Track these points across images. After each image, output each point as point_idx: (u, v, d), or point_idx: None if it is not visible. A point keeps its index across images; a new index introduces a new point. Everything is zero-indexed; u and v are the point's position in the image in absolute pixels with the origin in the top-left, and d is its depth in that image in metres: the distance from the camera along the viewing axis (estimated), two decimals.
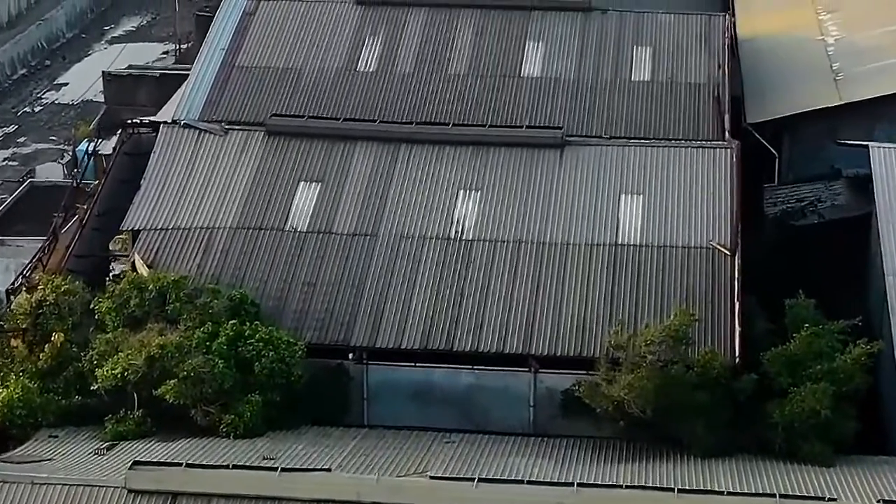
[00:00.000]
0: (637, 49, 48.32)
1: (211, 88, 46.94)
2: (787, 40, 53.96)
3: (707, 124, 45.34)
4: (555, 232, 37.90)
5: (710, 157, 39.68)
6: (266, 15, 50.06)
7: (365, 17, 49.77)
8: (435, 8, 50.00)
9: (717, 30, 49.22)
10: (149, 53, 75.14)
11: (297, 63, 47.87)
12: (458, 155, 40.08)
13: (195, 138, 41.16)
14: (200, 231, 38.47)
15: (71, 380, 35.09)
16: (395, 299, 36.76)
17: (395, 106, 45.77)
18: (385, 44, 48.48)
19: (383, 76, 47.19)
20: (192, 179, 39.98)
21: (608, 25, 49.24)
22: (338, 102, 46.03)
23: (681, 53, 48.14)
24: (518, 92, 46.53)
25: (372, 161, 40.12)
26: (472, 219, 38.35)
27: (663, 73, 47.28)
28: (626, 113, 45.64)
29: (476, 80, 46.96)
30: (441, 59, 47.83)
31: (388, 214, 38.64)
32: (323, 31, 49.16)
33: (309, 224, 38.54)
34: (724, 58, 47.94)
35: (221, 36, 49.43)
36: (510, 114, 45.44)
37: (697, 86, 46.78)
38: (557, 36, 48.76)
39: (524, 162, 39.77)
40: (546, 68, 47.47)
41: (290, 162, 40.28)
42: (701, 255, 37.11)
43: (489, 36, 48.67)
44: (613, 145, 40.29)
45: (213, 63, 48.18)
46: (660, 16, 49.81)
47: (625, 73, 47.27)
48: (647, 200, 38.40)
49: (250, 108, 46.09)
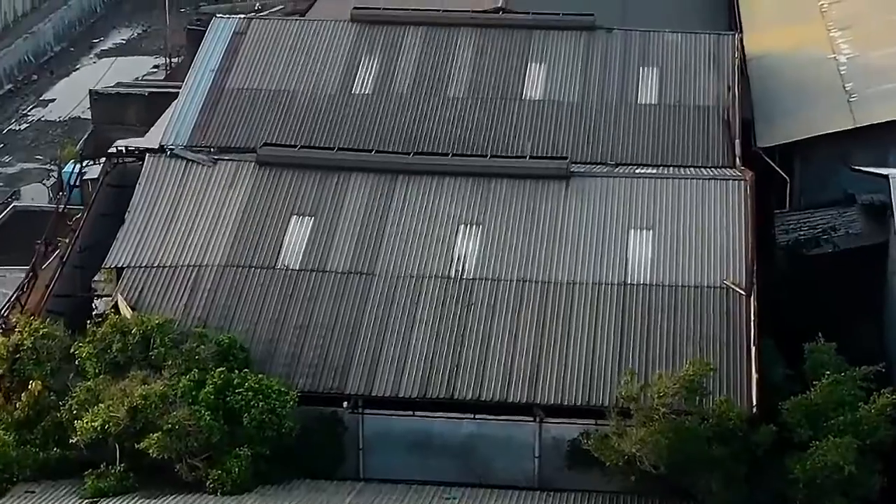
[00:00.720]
0: (643, 70, 46.51)
1: (200, 112, 45.19)
2: (798, 58, 52.06)
3: (717, 150, 43.58)
4: (560, 270, 35.98)
5: (722, 189, 37.77)
6: (257, 34, 48.24)
7: (360, 35, 47.96)
8: (433, 26, 48.21)
9: (725, 50, 47.41)
10: (139, 67, 73.20)
11: (290, 85, 46.07)
12: (458, 187, 38.16)
13: (182, 169, 39.24)
14: (187, 269, 36.55)
15: (49, 431, 33.22)
16: (393, 343, 34.85)
17: (392, 131, 43.99)
18: (381, 64, 46.68)
19: (379, 98, 45.39)
20: (179, 213, 38.05)
21: (613, 45, 47.42)
22: (332, 127, 44.29)
23: (689, 75, 46.33)
24: (520, 116, 44.73)
25: (367, 194, 38.19)
26: (473, 256, 36.43)
27: (671, 96, 45.47)
28: (633, 138, 43.87)
29: (476, 102, 45.17)
30: (439, 81, 46.04)
31: (385, 251, 36.70)
32: (317, 51, 47.35)
33: (301, 262, 36.61)
34: (733, 79, 46.14)
35: (211, 56, 47.64)
36: (511, 139, 43.67)
37: (706, 109, 45.01)
38: (560, 56, 46.95)
39: (527, 194, 37.84)
40: (549, 91, 45.67)
41: (282, 194, 38.34)
42: (714, 295, 35.21)
43: (489, 56, 46.87)
44: (621, 176, 38.34)
45: (203, 85, 46.39)
46: (666, 35, 47.99)
47: (631, 96, 45.48)
48: (656, 236, 36.51)
49: (241, 133, 44.32)
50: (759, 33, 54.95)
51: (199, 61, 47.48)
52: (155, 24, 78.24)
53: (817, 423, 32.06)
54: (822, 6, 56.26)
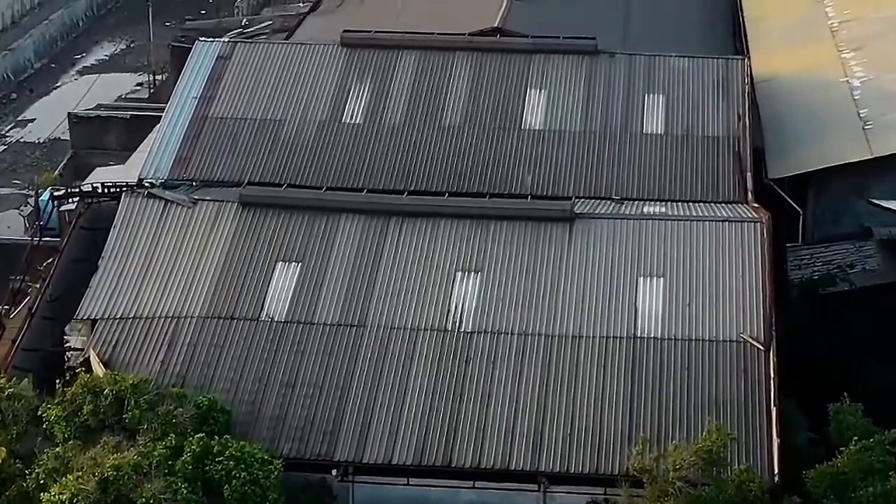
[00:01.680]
0: (649, 98, 44.14)
1: (182, 143, 42.85)
2: (808, 81, 49.67)
3: (727, 183, 41.27)
4: (565, 323, 33.51)
5: (737, 232, 35.31)
6: (242, 59, 45.83)
7: (351, 60, 45.56)
8: (427, 50, 45.80)
9: (735, 75, 45.04)
10: (122, 85, 70.61)
11: (277, 114, 43.72)
12: (455, 230, 35.69)
13: (160, 210, 36.74)
14: (165, 321, 34.07)
15: (14, 501, 30.71)
16: (385, 404, 32.39)
17: (384, 163, 41.61)
18: (373, 91, 44.29)
19: (371, 128, 43.03)
20: (157, 259, 35.54)
21: (616, 71, 45.04)
22: (320, 160, 41.91)
23: (696, 103, 43.98)
24: (519, 146, 42.37)
25: (358, 237, 35.71)
26: (471, 306, 33.96)
27: (678, 125, 43.13)
28: (638, 171, 41.53)
29: (472, 132, 42.81)
30: (434, 109, 43.68)
31: (377, 301, 34.23)
32: (305, 77, 44.96)
33: (287, 313, 34.12)
34: (743, 107, 43.78)
35: (193, 83, 45.25)
36: (511, 172, 41.31)
37: (715, 139, 42.68)
38: (561, 82, 44.58)
39: (529, 238, 35.39)
40: (549, 120, 43.32)
41: (267, 238, 35.83)
42: (731, 350, 32.76)
43: (487, 82, 44.51)
44: (628, 218, 35.90)
45: (185, 114, 44.01)
46: (672, 60, 45.62)
47: (636, 126, 43.13)
48: (668, 284, 34.08)
49: (225, 166, 41.96)
50: (767, 54, 52.57)
51: (181, 88, 45.10)
52: (139, 38, 75.70)
53: (844, 494, 29.73)
54: (832, 25, 53.91)
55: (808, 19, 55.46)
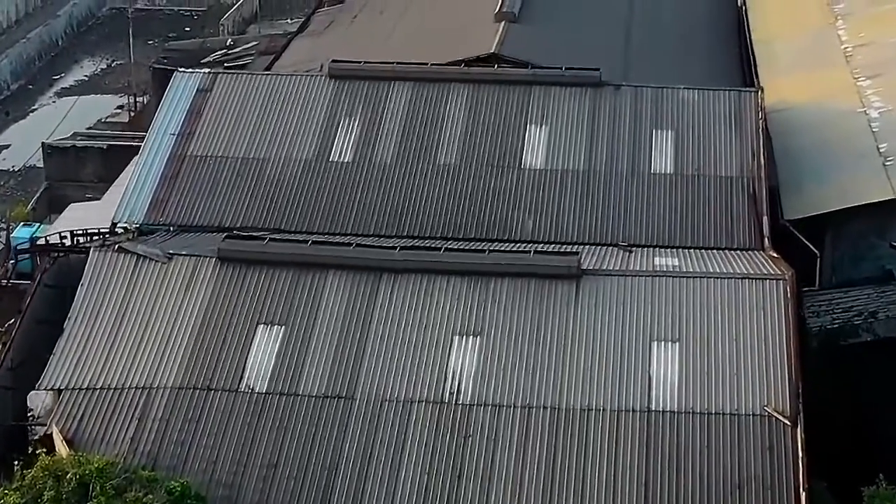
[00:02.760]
0: (657, 134, 41.46)
1: (158, 184, 40.31)
2: (823, 112, 46.95)
3: (742, 228, 38.72)
4: (573, 394, 30.61)
5: (759, 291, 32.42)
6: (224, 92, 43.11)
7: (340, 93, 42.85)
8: (421, 82, 43.07)
9: (748, 109, 42.38)
10: (101, 107, 67.66)
11: (260, 152, 41.07)
12: (453, 288, 32.79)
13: (132, 266, 33.80)
14: (135, 392, 31.12)
15: None
16: (377, 486, 29.43)
17: (374, 207, 39.04)
18: (363, 127, 41.62)
19: (360, 168, 40.42)
20: (127, 322, 32.58)
21: (622, 104, 42.35)
22: (306, 203, 39.33)
23: (708, 139, 41.32)
24: (519, 188, 39.74)
25: (346, 297, 32.81)
26: (470, 375, 31.07)
27: (688, 164, 40.45)
28: (647, 215, 38.92)
29: (469, 172, 40.17)
30: (428, 146, 41.02)
31: (367, 370, 31.32)
32: (290, 112, 42.29)
33: (269, 383, 31.19)
34: (758, 144, 41.11)
35: (172, 118, 42.60)
36: (510, 216, 38.78)
37: (728, 180, 40.05)
38: (563, 117, 41.90)
39: (533, 297, 32.51)
40: (551, 158, 40.65)
41: (247, 298, 32.91)
42: (754, 425, 29.88)
43: (484, 117, 41.86)
44: (640, 275, 33.05)
45: (162, 152, 41.41)
46: (681, 92, 42.92)
47: (643, 165, 40.46)
48: (684, 350, 31.21)
49: (204, 209, 39.45)
50: (778, 80, 49.86)
51: (159, 123, 42.41)
52: (121, 56, 72.88)
53: None
54: (846, 50, 51.21)
55: (820, 42, 52.79)
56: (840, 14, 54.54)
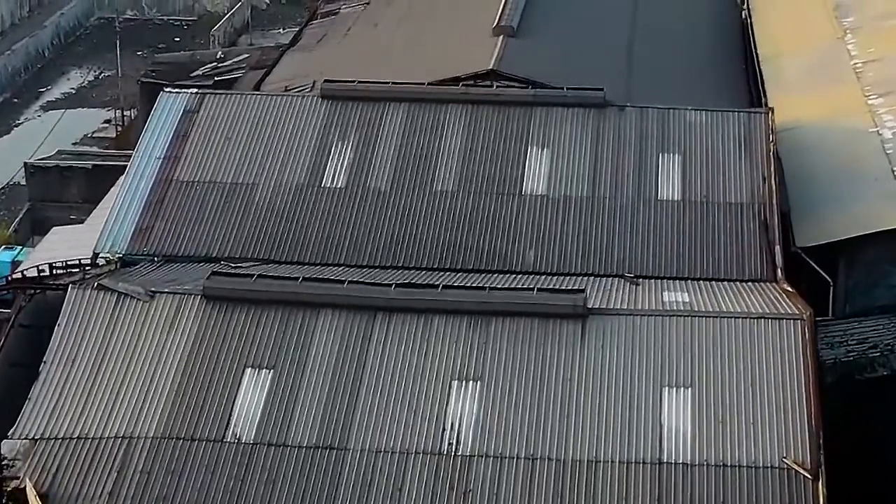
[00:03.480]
0: (663, 158, 39.73)
1: (143, 211, 38.61)
2: (834, 131, 45.21)
3: (753, 259, 36.99)
4: (580, 445, 28.72)
5: (775, 332, 30.56)
6: (212, 113, 41.35)
7: (332, 115, 41.12)
8: (417, 103, 41.33)
9: (757, 131, 40.64)
10: (88, 122, 65.84)
11: (249, 176, 39.36)
12: (451, 329, 30.97)
13: (112, 305, 31.94)
14: (114, 442, 29.23)
15: None
16: None
17: (368, 236, 37.34)
18: (357, 150, 39.89)
19: (354, 194, 38.72)
20: (107, 365, 30.70)
21: (627, 126, 40.60)
22: (297, 233, 37.63)
23: (716, 163, 39.58)
24: (519, 215, 38.01)
25: (339, 338, 30.97)
26: (470, 424, 29.22)
27: (696, 190, 38.72)
28: (654, 244, 37.21)
29: (467, 198, 38.45)
30: (425, 172, 39.29)
31: (360, 418, 29.43)
32: (281, 135, 40.57)
33: (257, 432, 29.29)
34: (768, 168, 39.37)
35: (157, 141, 40.89)
36: (510, 246, 37.08)
37: (738, 206, 38.31)
38: (566, 140, 40.15)
39: (536, 339, 30.68)
40: (553, 184, 38.89)
41: (234, 340, 31.04)
42: (772, 478, 27.98)
43: (483, 140, 40.12)
44: (650, 314, 31.21)
45: (147, 177, 39.71)
46: (687, 113, 41.16)
47: (649, 191, 38.72)
48: (697, 397, 29.39)
49: (190, 238, 37.75)
50: (786, 97, 48.19)
51: (144, 146, 40.66)
52: (109, 67, 71.01)
53: None
54: (856, 66, 49.50)
55: (828, 58, 51.06)
56: (848, 27, 52.85)
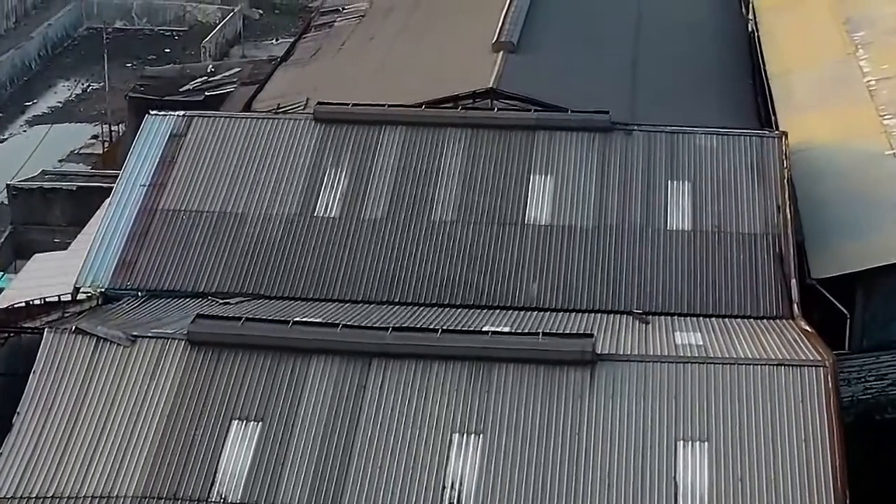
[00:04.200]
0: (672, 185, 37.94)
1: (126, 242, 36.91)
2: (848, 154, 43.37)
3: (768, 294, 35.21)
4: None
5: (796, 380, 28.68)
6: (200, 137, 39.55)
7: (326, 139, 39.32)
8: (414, 126, 39.54)
9: (771, 156, 38.85)
10: (75, 137, 63.94)
11: (238, 206, 37.62)
12: (451, 377, 29.05)
13: (91, 350, 29.98)
14: (91, 502, 27.32)
15: None
16: None
17: (363, 269, 35.62)
18: (351, 177, 38.12)
19: (348, 224, 37.00)
20: (84, 417, 28.71)
21: (634, 151, 38.81)
22: (288, 266, 35.95)
23: (728, 191, 37.80)
24: (522, 247, 36.25)
25: (331, 387, 29.02)
26: (472, 482, 27.24)
27: (707, 220, 36.92)
28: (664, 277, 35.45)
29: (467, 229, 36.68)
30: (422, 201, 37.55)
31: (354, 476, 27.42)
32: (272, 161, 38.83)
33: (244, 492, 27.24)
34: (783, 196, 37.57)
35: (142, 167, 39.11)
36: (512, 279, 35.36)
37: (751, 237, 36.51)
38: (570, 166, 38.38)
39: (542, 387, 28.76)
40: (557, 213, 37.12)
41: (220, 389, 29.09)
42: None
43: (483, 166, 38.39)
44: (663, 361, 29.30)
45: (131, 205, 37.98)
46: (698, 137, 39.35)
47: (658, 220, 36.93)
48: (713, 451, 27.47)
49: (176, 272, 36.04)
50: (798, 117, 46.37)
51: (128, 173, 38.87)
52: (97, 79, 69.11)
53: None
54: (869, 84, 47.65)
55: (840, 75, 49.18)
56: (860, 43, 50.98)
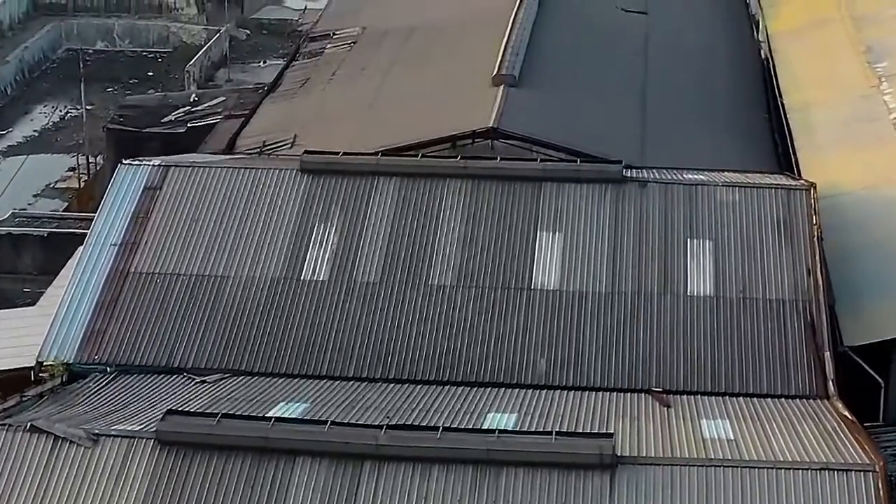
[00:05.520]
0: (692, 244, 34.80)
1: (95, 310, 33.79)
2: (878, 202, 40.37)
3: (800, 369, 32.21)
4: None
5: (841, 487, 25.50)
6: (176, 190, 36.41)
7: (314, 192, 36.19)
8: (411, 178, 36.38)
9: (799, 212, 35.71)
10: (52, 169, 60.24)
11: (218, 268, 34.49)
12: (453, 483, 25.70)
13: (49, 450, 26.62)
14: None
15: None
16: None
17: (354, 342, 32.53)
18: (341, 235, 35.07)
19: (338, 288, 34.01)
20: None
21: (650, 206, 35.69)
22: (273, 337, 32.99)
23: (753, 251, 34.66)
24: (528, 316, 33.25)
25: (318, 494, 25.62)
26: None
27: (731, 285, 33.79)
28: (685, 351, 32.47)
29: (468, 295, 33.65)
30: (419, 261, 34.54)
31: None
32: (255, 216, 35.77)
33: None
34: (813, 258, 34.33)
35: (114, 223, 36.02)
36: (517, 353, 32.39)
37: (780, 304, 33.36)
38: (581, 222, 35.29)
39: (556, 495, 25.40)
40: (567, 276, 34.01)
41: (194, 495, 25.61)
42: None
43: (485, 223, 35.38)
44: (691, 464, 25.97)
45: (100, 267, 34.87)
46: (718, 190, 36.26)
47: (678, 285, 33.81)
48: None
49: (149, 344, 33.02)
50: (819, 157, 43.33)
51: (98, 231, 35.75)
52: (76, 105, 65.62)
53: None
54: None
55: (864, 112, 46.08)
56: (883, 75, 47.87)
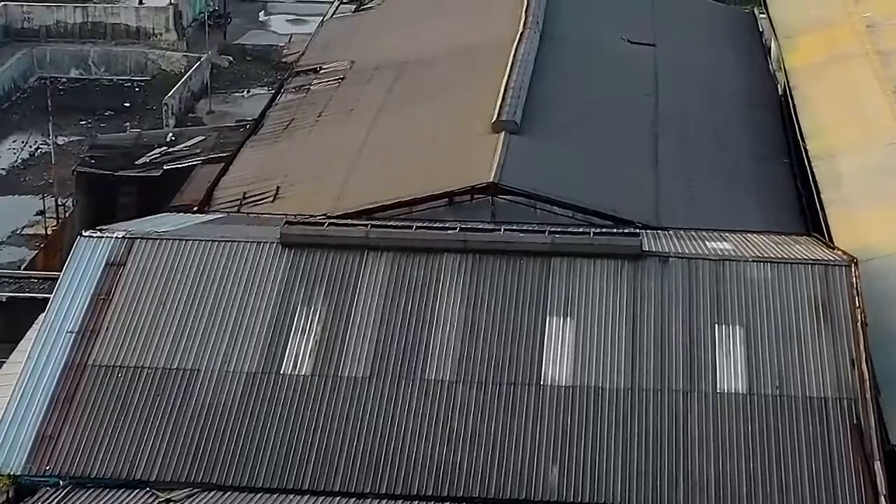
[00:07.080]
0: (721, 331, 30.97)
1: (47, 411, 30.08)
2: None
3: (846, 480, 28.39)
4: None
5: None
6: (142, 268, 32.61)
7: (295, 270, 32.40)
8: (405, 253, 32.52)
9: (840, 292, 31.75)
10: (19, 213, 56.48)
11: (187, 360, 30.81)
12: None
13: None
14: None
15: None
16: None
17: (340, 450, 28.71)
18: (326, 321, 31.37)
19: (323, 385, 30.38)
20: None
21: (673, 286, 31.82)
22: (248, 443, 29.16)
23: (789, 339, 30.84)
24: (538, 418, 29.50)
25: None
26: None
27: (766, 379, 30.03)
28: (715, 460, 28.81)
29: (469, 393, 30.02)
30: (414, 352, 30.80)
31: None
32: (230, 298, 31.99)
33: None
34: (857, 346, 30.50)
35: (71, 307, 32.02)
36: (526, 461, 28.58)
37: (822, 402, 29.64)
38: (595, 306, 31.44)
39: None
40: (581, 371, 30.26)
41: None
42: None
43: (489, 305, 31.54)
44: None
45: (54, 360, 31.00)
46: (748, 267, 32.35)
47: (706, 380, 30.04)
48: None
49: (108, 453, 29.15)
50: (850, 214, 39.44)
51: (52, 315, 31.88)
52: (48, 139, 61.77)
53: None
54: None
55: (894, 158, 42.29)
56: None
